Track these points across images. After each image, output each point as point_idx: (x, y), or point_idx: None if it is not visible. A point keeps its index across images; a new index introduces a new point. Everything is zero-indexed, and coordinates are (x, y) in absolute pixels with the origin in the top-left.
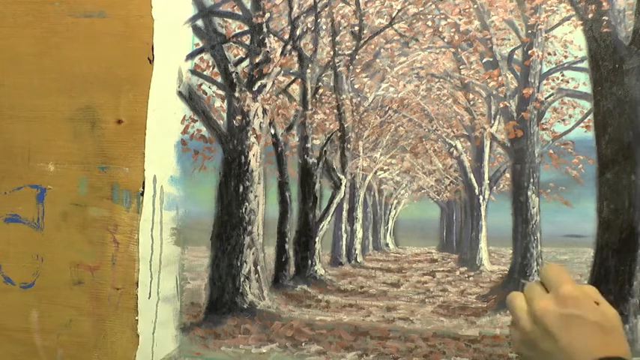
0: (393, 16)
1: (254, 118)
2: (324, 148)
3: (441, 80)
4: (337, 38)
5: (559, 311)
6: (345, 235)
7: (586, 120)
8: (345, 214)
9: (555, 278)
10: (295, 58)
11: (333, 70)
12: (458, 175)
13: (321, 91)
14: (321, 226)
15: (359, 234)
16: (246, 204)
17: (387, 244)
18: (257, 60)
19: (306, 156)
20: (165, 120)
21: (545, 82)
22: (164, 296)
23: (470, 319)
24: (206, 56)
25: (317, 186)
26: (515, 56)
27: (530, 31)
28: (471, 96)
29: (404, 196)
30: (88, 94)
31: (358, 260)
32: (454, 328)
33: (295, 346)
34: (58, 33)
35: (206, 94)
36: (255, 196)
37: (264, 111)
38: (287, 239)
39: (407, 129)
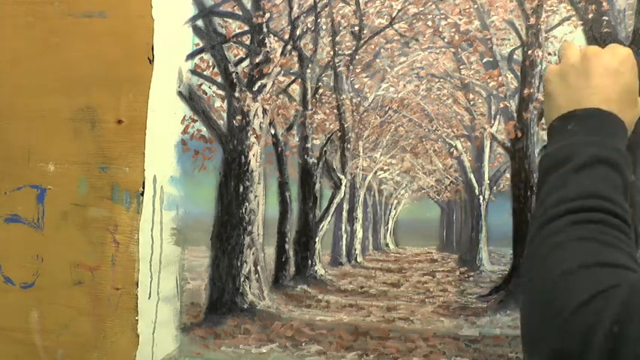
0: (393, 16)
1: (254, 118)
2: (324, 148)
3: (441, 80)
4: (337, 38)
5: (608, 60)
6: (345, 235)
7: None
8: (345, 214)
9: (618, 45)
10: (295, 58)
11: (333, 70)
12: (458, 175)
13: (321, 91)
14: (321, 226)
15: (359, 234)
16: (246, 204)
17: (387, 244)
18: (257, 60)
19: (306, 156)
20: (166, 120)
21: None
22: (164, 296)
23: (470, 319)
24: (206, 56)
25: (317, 186)
26: (515, 56)
27: (530, 32)
28: (471, 96)
29: (404, 196)
30: (88, 94)
31: (358, 260)
32: (454, 328)
33: (295, 346)
34: (58, 33)
35: (206, 94)
36: (255, 196)
37: (264, 111)
38: (287, 239)
39: (407, 129)
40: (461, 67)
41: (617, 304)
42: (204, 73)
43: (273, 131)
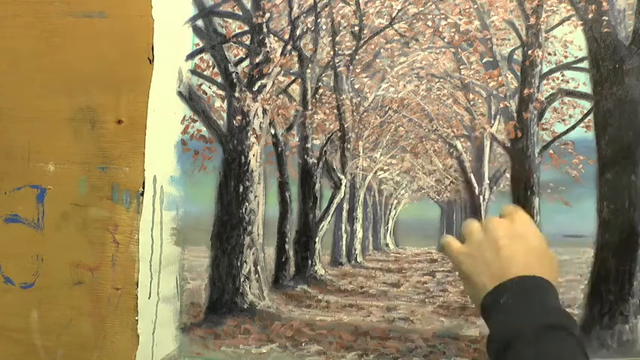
0: (393, 16)
1: (254, 118)
2: (324, 148)
3: (441, 80)
4: (337, 38)
5: (510, 228)
6: (345, 235)
7: (586, 120)
8: (345, 214)
9: (513, 210)
10: (295, 58)
11: (333, 70)
12: (458, 175)
13: (321, 91)
14: (321, 226)
15: (359, 234)
16: (246, 204)
17: (387, 244)
18: (257, 60)
19: (306, 156)
20: (165, 120)
21: (545, 82)
22: (164, 296)
23: (470, 319)
24: (206, 56)
25: (317, 186)
26: (515, 56)
27: (530, 32)
28: (471, 96)
29: (404, 196)
30: (88, 94)
31: (358, 260)
32: (454, 328)
33: (295, 346)
34: (58, 33)
35: (206, 94)
36: (255, 196)
37: (264, 111)
38: (287, 239)
39: (407, 129)
40: (461, 67)
41: None
42: (204, 73)
43: (273, 131)
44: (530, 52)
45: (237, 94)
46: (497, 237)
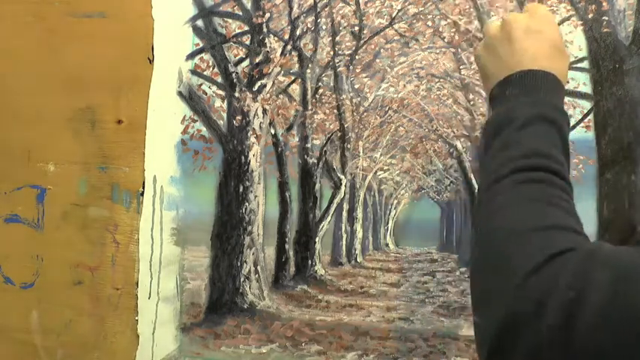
0: (393, 16)
1: (254, 118)
2: (324, 148)
3: (441, 80)
4: (337, 38)
5: (527, 22)
6: (345, 235)
7: (586, 120)
8: (345, 214)
9: (535, 6)
10: (295, 58)
11: (333, 70)
12: (458, 175)
13: (321, 91)
14: (321, 226)
15: (359, 234)
16: (246, 204)
17: (387, 244)
18: (257, 60)
19: (306, 156)
20: (165, 120)
21: None
22: (164, 296)
23: (470, 320)
24: (206, 56)
25: (317, 186)
26: None
27: None
28: (471, 96)
29: (404, 196)
30: (88, 94)
31: (358, 260)
32: (454, 328)
33: (295, 347)
34: (58, 33)
35: (206, 94)
36: (255, 196)
37: (264, 111)
38: (287, 239)
39: (407, 129)
40: (461, 67)
41: (572, 269)
42: (204, 73)
43: (273, 131)
44: None
45: (237, 94)
46: (512, 31)
